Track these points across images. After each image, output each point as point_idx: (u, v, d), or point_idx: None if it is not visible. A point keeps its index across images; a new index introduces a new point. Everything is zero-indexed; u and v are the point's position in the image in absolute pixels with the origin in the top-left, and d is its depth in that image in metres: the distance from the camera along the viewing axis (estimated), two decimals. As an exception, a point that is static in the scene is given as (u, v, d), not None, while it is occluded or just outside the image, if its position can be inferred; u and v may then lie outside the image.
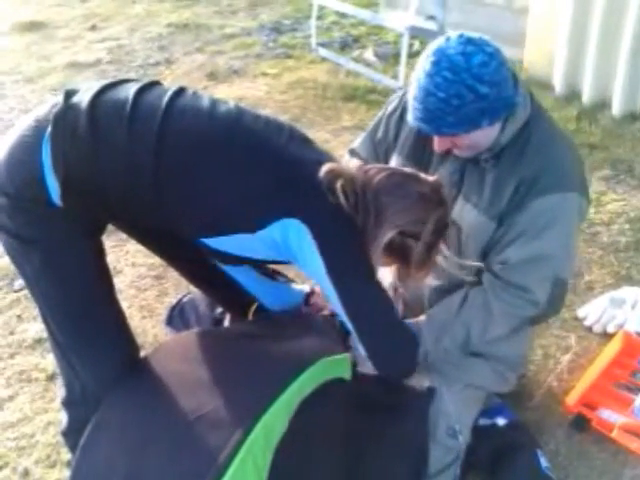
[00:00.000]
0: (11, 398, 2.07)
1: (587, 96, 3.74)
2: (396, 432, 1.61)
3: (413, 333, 1.57)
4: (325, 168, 1.36)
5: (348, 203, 1.34)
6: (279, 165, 1.39)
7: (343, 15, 5.39)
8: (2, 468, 1.85)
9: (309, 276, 1.47)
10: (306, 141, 1.51)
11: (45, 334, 1.66)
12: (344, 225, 1.36)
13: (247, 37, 5.43)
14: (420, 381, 1.68)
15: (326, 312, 1.84)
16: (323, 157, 1.45)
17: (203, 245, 1.46)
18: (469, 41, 1.39)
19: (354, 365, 1.64)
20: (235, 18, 5.97)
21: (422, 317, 1.72)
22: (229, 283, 1.73)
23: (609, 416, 1.85)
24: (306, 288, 1.91)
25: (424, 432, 1.61)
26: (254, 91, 4.37)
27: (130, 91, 1.42)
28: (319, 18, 5.16)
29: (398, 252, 1.42)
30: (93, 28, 5.79)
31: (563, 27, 3.74)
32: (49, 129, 1.36)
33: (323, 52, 4.91)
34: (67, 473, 1.79)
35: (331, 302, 1.45)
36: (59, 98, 1.42)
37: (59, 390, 1.66)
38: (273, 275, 1.83)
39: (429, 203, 1.40)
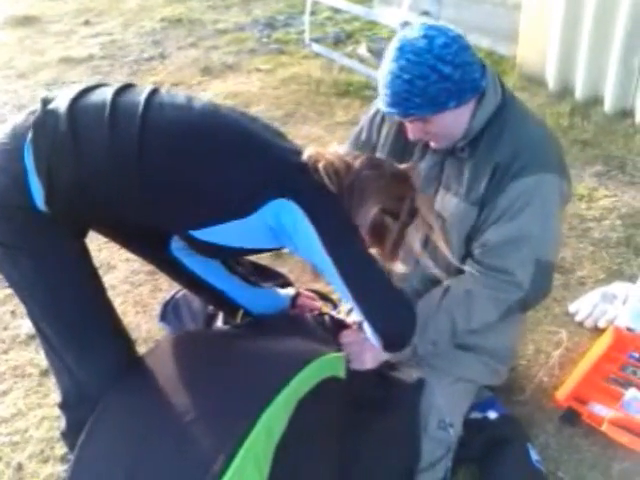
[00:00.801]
0: (5, 393, 2.08)
1: (580, 92, 3.76)
2: (387, 426, 1.62)
3: (408, 298, 1.58)
4: (308, 152, 1.44)
5: (332, 183, 1.40)
6: (263, 150, 1.44)
7: (337, 11, 5.40)
8: (-4, 463, 1.86)
9: (304, 255, 1.48)
10: (279, 134, 1.57)
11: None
12: (332, 200, 1.41)
13: (241, 32, 5.43)
14: (409, 374, 1.70)
15: (315, 312, 1.86)
16: (298, 147, 1.51)
17: (193, 239, 1.46)
18: (431, 27, 1.45)
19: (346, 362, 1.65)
20: (229, 13, 5.97)
21: None
22: (212, 291, 1.74)
23: (599, 410, 1.86)
24: (291, 292, 1.90)
25: (416, 424, 1.63)
26: (248, 86, 4.37)
27: (107, 93, 1.43)
28: (313, 13, 5.17)
29: (376, 232, 1.47)
30: (86, 23, 5.78)
31: (556, 24, 3.75)
32: (30, 135, 1.37)
33: (317, 48, 4.91)
34: (60, 468, 1.81)
35: (327, 275, 1.45)
36: (36, 106, 1.43)
37: (55, 393, 1.66)
38: (256, 282, 1.81)
39: (404, 183, 1.49)
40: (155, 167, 1.39)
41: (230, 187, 1.40)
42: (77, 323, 1.49)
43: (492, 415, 1.80)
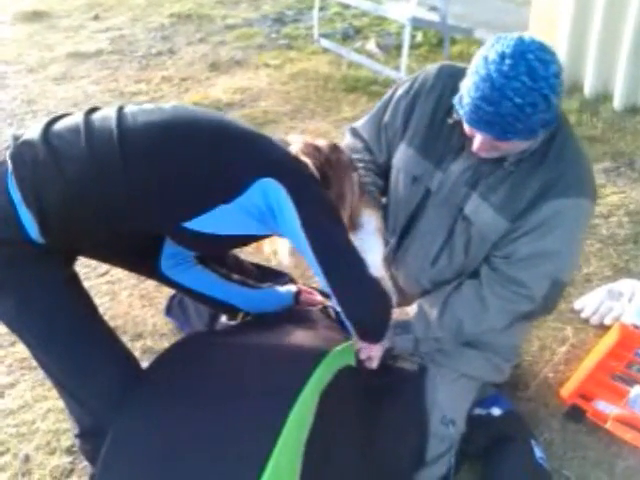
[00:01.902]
0: (12, 385, 2.10)
1: (589, 89, 3.74)
2: (395, 413, 1.64)
3: (384, 289, 1.59)
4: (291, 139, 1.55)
5: (313, 164, 1.50)
6: (244, 136, 1.49)
7: (346, 6, 5.39)
8: (3, 454, 1.87)
9: (286, 235, 1.50)
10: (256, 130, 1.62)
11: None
12: (313, 183, 1.48)
13: (249, 28, 5.43)
14: (411, 363, 1.72)
15: (318, 306, 1.86)
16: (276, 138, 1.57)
17: (185, 232, 1.47)
18: (543, 48, 1.35)
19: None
20: (238, 9, 5.97)
21: (413, 305, 1.73)
22: (215, 302, 1.75)
23: (604, 407, 1.86)
24: (292, 288, 1.91)
25: (422, 409, 1.65)
26: (256, 82, 4.37)
27: (76, 116, 1.46)
28: (322, 9, 5.16)
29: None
30: (96, 18, 5.80)
31: (565, 20, 3.74)
32: (9, 167, 1.36)
33: (325, 43, 4.90)
34: (66, 460, 1.82)
35: (306, 258, 1.48)
36: (7, 144, 1.43)
37: (70, 424, 1.63)
38: (255, 284, 1.83)
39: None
40: (139, 163, 1.40)
41: (216, 170, 1.43)
42: (74, 349, 1.47)
43: (496, 412, 1.80)
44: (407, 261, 1.77)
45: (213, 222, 1.45)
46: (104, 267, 2.59)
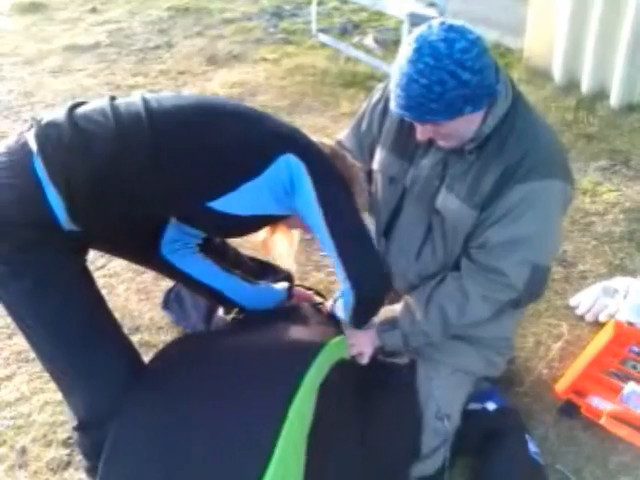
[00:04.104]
0: (9, 378, 2.10)
1: (586, 86, 3.75)
2: (388, 407, 1.66)
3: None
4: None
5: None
6: (264, 117, 1.56)
7: (344, 1, 5.39)
8: (0, 446, 1.87)
9: (301, 209, 1.53)
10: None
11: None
12: (328, 162, 1.55)
13: (247, 22, 5.43)
14: (401, 358, 1.75)
15: (310, 301, 1.88)
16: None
17: (209, 213, 1.48)
18: (451, 28, 1.39)
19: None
20: (236, 2, 5.95)
21: (400, 302, 1.75)
22: (209, 291, 1.76)
23: (598, 403, 1.88)
24: (285, 285, 1.92)
25: (415, 403, 1.66)
26: (253, 76, 4.37)
27: (100, 100, 1.48)
28: (320, 4, 5.16)
29: None
30: (93, 10, 5.78)
31: (563, 17, 3.74)
32: (34, 148, 1.37)
33: (323, 38, 4.90)
34: (63, 452, 1.83)
35: (316, 230, 1.52)
36: (26, 127, 1.44)
37: (68, 416, 1.61)
38: (251, 280, 1.84)
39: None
40: (168, 142, 1.42)
41: (243, 144, 1.47)
42: (81, 340, 1.45)
43: (491, 406, 1.81)
44: (392, 259, 1.79)
45: (237, 202, 1.48)
46: (101, 261, 2.59)
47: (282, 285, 1.91)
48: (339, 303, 1.67)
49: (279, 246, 1.79)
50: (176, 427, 1.37)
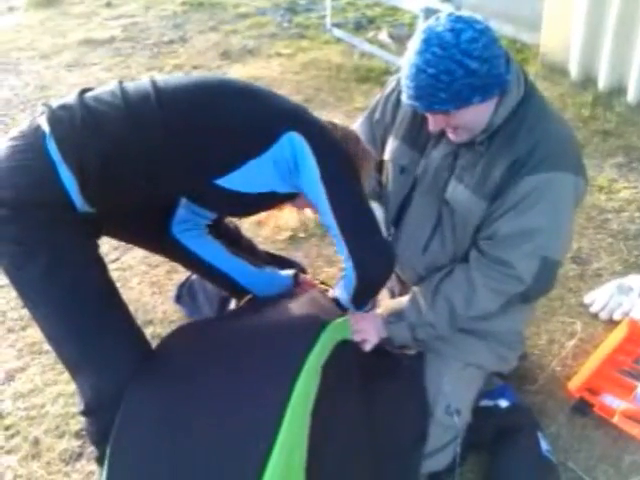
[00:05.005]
0: (22, 369, 2.12)
1: (603, 82, 3.71)
2: (395, 395, 1.66)
3: (391, 245, 1.67)
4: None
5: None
6: (270, 95, 1.57)
7: (359, -4, 5.37)
8: (14, 436, 1.89)
9: (305, 188, 1.55)
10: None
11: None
12: (333, 140, 1.55)
13: (262, 17, 5.43)
14: (409, 349, 1.76)
15: (316, 289, 1.88)
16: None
17: (216, 190, 1.50)
18: (459, 19, 1.40)
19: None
20: (250, -3, 5.96)
21: (408, 293, 1.74)
22: (218, 274, 1.78)
23: (611, 402, 1.86)
24: (291, 272, 1.94)
25: (421, 390, 1.67)
26: (268, 71, 4.37)
27: (109, 84, 1.51)
28: (334, -2, 5.15)
29: None
30: (108, 5, 5.81)
31: (580, 12, 3.70)
32: (47, 130, 1.38)
33: (338, 33, 4.89)
34: (75, 443, 1.84)
35: (320, 209, 1.55)
36: (38, 112, 1.46)
37: (77, 400, 1.60)
38: (259, 263, 1.87)
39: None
40: (176, 118, 1.45)
41: (249, 120, 1.49)
42: (92, 324, 1.45)
43: (503, 403, 1.80)
44: (400, 250, 1.78)
45: (243, 179, 1.50)
46: (115, 254, 2.61)
47: (287, 272, 1.93)
48: (340, 283, 1.69)
49: (287, 216, 1.82)
50: (181, 410, 1.38)
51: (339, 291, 1.70)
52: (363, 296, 1.67)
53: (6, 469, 1.80)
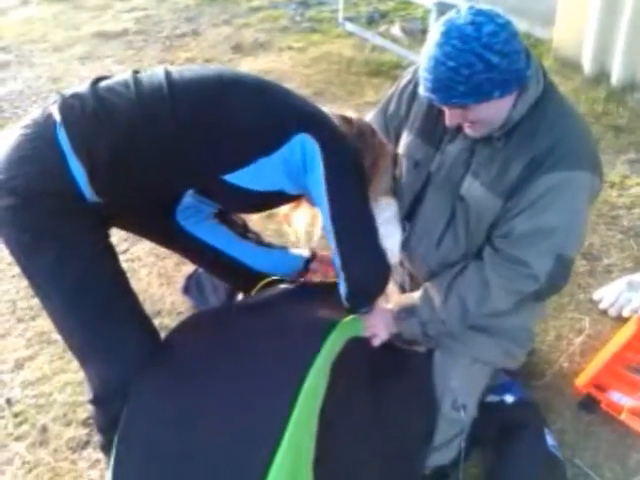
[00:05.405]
0: (31, 358, 2.14)
1: (616, 77, 3.68)
2: (402, 390, 1.66)
3: (389, 263, 1.63)
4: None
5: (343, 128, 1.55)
6: (284, 93, 1.54)
7: (371, -10, 5.34)
8: (22, 424, 1.91)
9: (311, 192, 1.53)
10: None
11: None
12: (343, 144, 1.51)
13: (274, 10, 5.41)
14: (419, 347, 1.75)
15: (329, 279, 1.87)
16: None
17: (224, 186, 1.49)
18: (480, 12, 1.38)
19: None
20: (263, -10, 5.94)
21: (420, 289, 1.73)
22: (225, 261, 1.78)
23: (619, 398, 1.85)
24: (305, 253, 1.92)
25: (430, 388, 1.67)
26: (279, 65, 4.36)
27: (123, 73, 1.50)
28: (347, -8, 5.12)
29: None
30: (121, -3, 5.81)
31: (594, 7, 3.67)
32: (58, 118, 1.39)
33: (350, 27, 4.87)
34: (82, 431, 1.86)
35: (322, 215, 1.53)
36: (51, 100, 1.46)
37: (85, 389, 1.60)
38: (268, 243, 1.88)
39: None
40: (187, 111, 1.43)
41: (261, 119, 1.46)
42: (102, 313, 1.45)
43: (509, 399, 1.80)
44: (413, 245, 1.77)
45: (251, 177, 1.49)
46: (124, 245, 2.62)
47: (300, 253, 1.91)
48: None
49: (297, 222, 1.78)
50: (189, 403, 1.38)
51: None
52: (357, 304, 1.64)
53: (14, 455, 1.82)
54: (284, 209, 1.78)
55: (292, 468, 1.27)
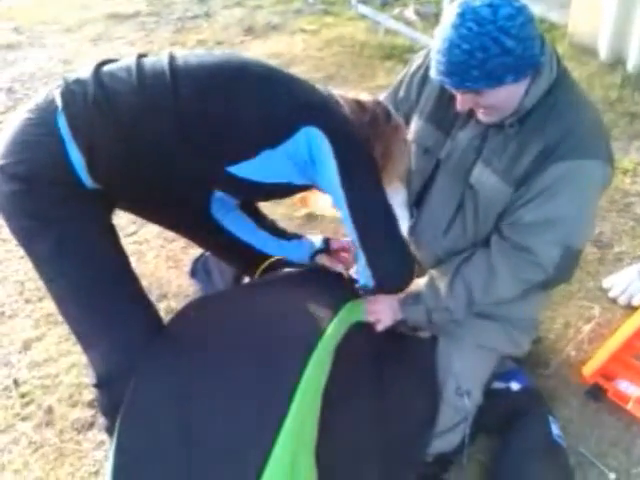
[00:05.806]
0: (38, 339, 2.15)
1: (632, 63, 3.61)
2: (405, 376, 1.65)
3: (410, 251, 1.62)
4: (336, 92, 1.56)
5: (355, 116, 1.51)
6: (290, 82, 1.51)
7: (385, -28, 5.27)
8: (29, 404, 1.93)
9: (323, 185, 1.52)
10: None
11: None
12: (354, 135, 1.48)
13: (287, -8, 5.37)
14: (424, 333, 1.75)
15: (341, 267, 1.86)
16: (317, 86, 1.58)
17: (229, 178, 1.48)
18: None
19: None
20: (276, -28, 5.89)
21: (425, 276, 1.72)
22: (240, 247, 1.79)
23: (626, 388, 1.83)
24: (319, 241, 1.91)
25: (433, 375, 1.66)
26: (290, 47, 4.33)
27: (128, 58, 1.47)
28: (360, -26, 5.06)
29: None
30: (134, -21, 5.79)
31: (611, -9, 3.60)
32: (59, 104, 1.38)
33: (363, 9, 4.83)
34: (88, 413, 1.88)
35: (339, 208, 1.51)
36: (55, 85, 1.44)
37: (89, 373, 1.59)
38: (284, 232, 1.88)
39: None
40: (190, 100, 1.41)
41: (265, 111, 1.44)
42: (103, 297, 1.45)
43: (515, 386, 1.79)
44: (420, 232, 1.76)
45: (257, 169, 1.47)
46: (132, 227, 2.62)
47: (316, 240, 1.91)
48: (360, 273, 1.64)
49: (320, 200, 1.77)
50: (192, 385, 1.38)
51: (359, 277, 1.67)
52: (384, 290, 1.66)
53: (21, 435, 1.84)
54: (299, 194, 1.76)
55: (294, 454, 1.27)
